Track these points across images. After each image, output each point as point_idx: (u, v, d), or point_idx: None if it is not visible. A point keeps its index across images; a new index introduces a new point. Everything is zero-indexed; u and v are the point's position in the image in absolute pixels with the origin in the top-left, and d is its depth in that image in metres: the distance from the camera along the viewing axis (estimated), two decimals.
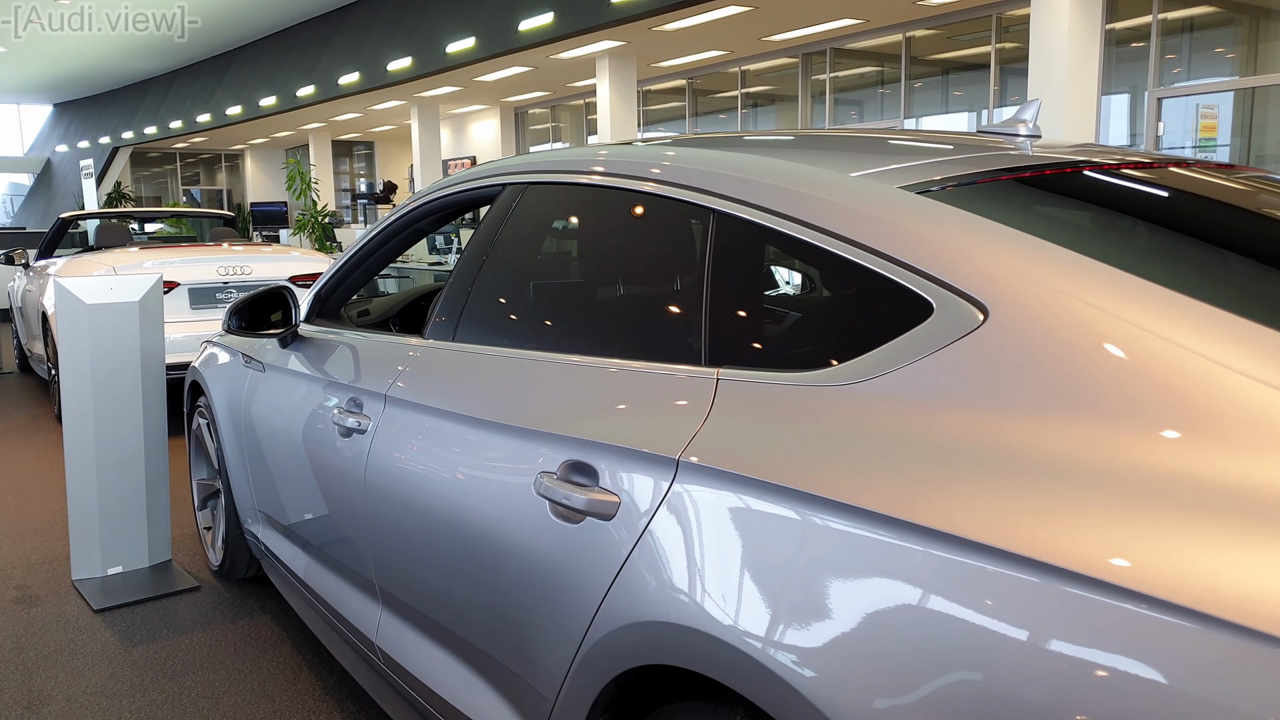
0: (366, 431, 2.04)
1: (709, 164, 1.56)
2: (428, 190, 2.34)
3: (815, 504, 1.08)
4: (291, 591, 2.72)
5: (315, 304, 2.68)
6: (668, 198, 1.59)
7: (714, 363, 1.37)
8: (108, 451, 3.24)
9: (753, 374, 1.29)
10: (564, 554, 1.42)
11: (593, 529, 1.37)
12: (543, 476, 1.48)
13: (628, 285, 1.89)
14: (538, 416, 1.57)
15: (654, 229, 1.72)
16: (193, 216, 10.21)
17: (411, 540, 1.88)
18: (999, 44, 9.83)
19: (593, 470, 1.41)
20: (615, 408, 1.46)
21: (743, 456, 1.20)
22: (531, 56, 12.07)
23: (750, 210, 1.40)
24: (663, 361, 1.45)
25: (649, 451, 1.31)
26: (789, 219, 1.34)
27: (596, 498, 1.36)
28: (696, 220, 1.54)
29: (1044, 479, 0.93)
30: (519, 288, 2.00)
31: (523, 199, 1.97)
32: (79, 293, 3.19)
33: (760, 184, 1.42)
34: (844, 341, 1.25)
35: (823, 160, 1.52)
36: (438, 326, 2.03)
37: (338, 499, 2.21)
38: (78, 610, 3.06)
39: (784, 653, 1.06)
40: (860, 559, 1.03)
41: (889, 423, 1.09)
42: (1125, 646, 0.82)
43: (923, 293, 1.15)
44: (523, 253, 2.03)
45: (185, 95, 20.26)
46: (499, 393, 1.73)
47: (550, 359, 1.66)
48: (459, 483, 1.72)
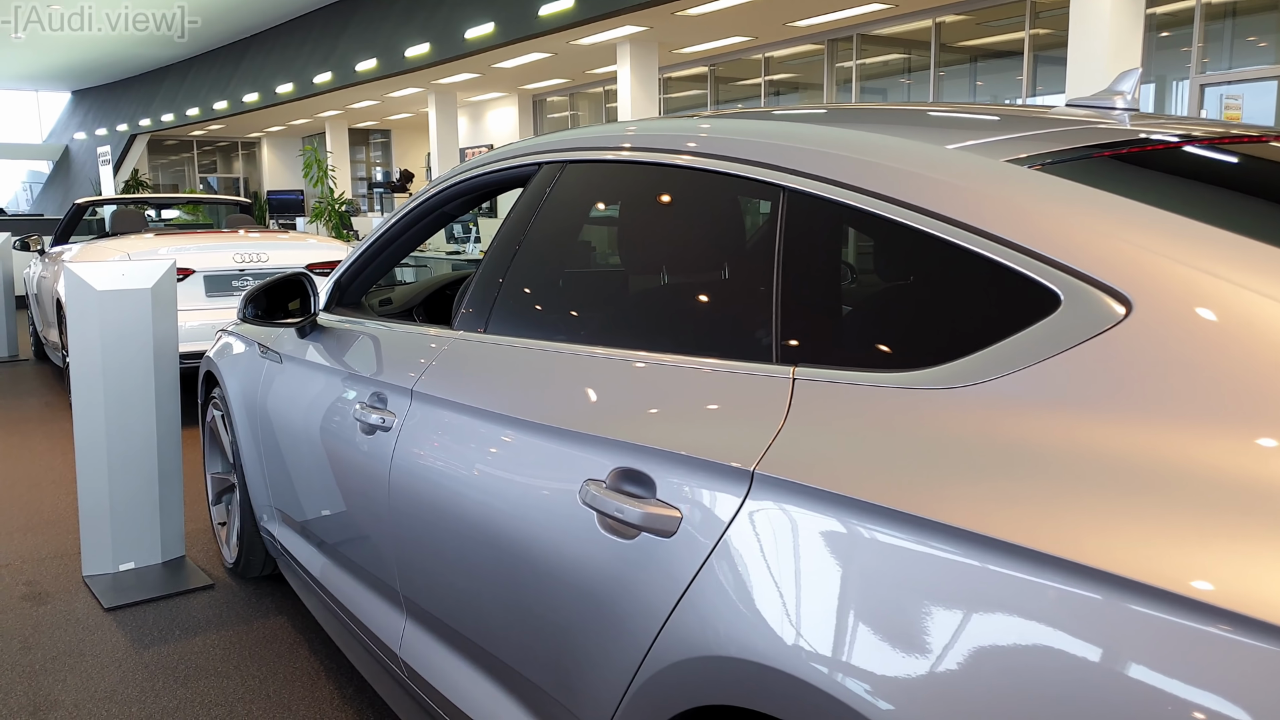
0: (391, 429, 1.90)
1: (777, 136, 1.41)
2: (455, 171, 2.19)
3: (927, 529, 0.93)
4: (309, 594, 2.59)
5: (335, 292, 2.54)
6: (728, 175, 1.43)
7: (787, 360, 1.21)
8: (119, 443, 3.12)
9: (835, 374, 1.14)
10: (615, 572, 1.28)
11: (649, 546, 1.22)
12: (589, 485, 1.34)
13: (682, 273, 1.73)
14: (582, 417, 1.42)
15: (711, 210, 1.56)
16: (209, 203, 10.12)
17: (439, 548, 1.74)
18: (1033, 30, 9.59)
19: (647, 480, 1.26)
20: (673, 410, 1.31)
21: (831, 470, 1.04)
22: (551, 42, 11.90)
23: (828, 187, 1.25)
24: (726, 358, 1.30)
25: (717, 461, 1.16)
26: (875, 196, 1.19)
27: (654, 511, 1.21)
28: (763, 199, 1.39)
29: (1215, 505, 0.77)
30: (558, 276, 1.85)
31: (560, 179, 1.82)
32: (89, 279, 3.06)
33: (840, 157, 1.27)
34: (948, 338, 1.09)
35: (907, 132, 1.36)
36: (467, 317, 1.89)
37: (359, 500, 2.07)
38: (88, 608, 2.94)
39: (883, 701, 0.91)
40: (989, 595, 0.87)
41: (1011, 433, 0.94)
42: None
43: (1047, 281, 0.99)
44: (561, 238, 1.88)
45: (202, 82, 20.19)
46: (537, 390, 1.58)
47: (595, 354, 1.52)
48: (493, 488, 1.58)
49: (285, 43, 17.29)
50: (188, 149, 26.74)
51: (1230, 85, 8.54)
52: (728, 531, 1.12)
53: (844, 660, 0.95)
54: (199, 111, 20.15)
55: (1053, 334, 0.96)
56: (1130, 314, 0.92)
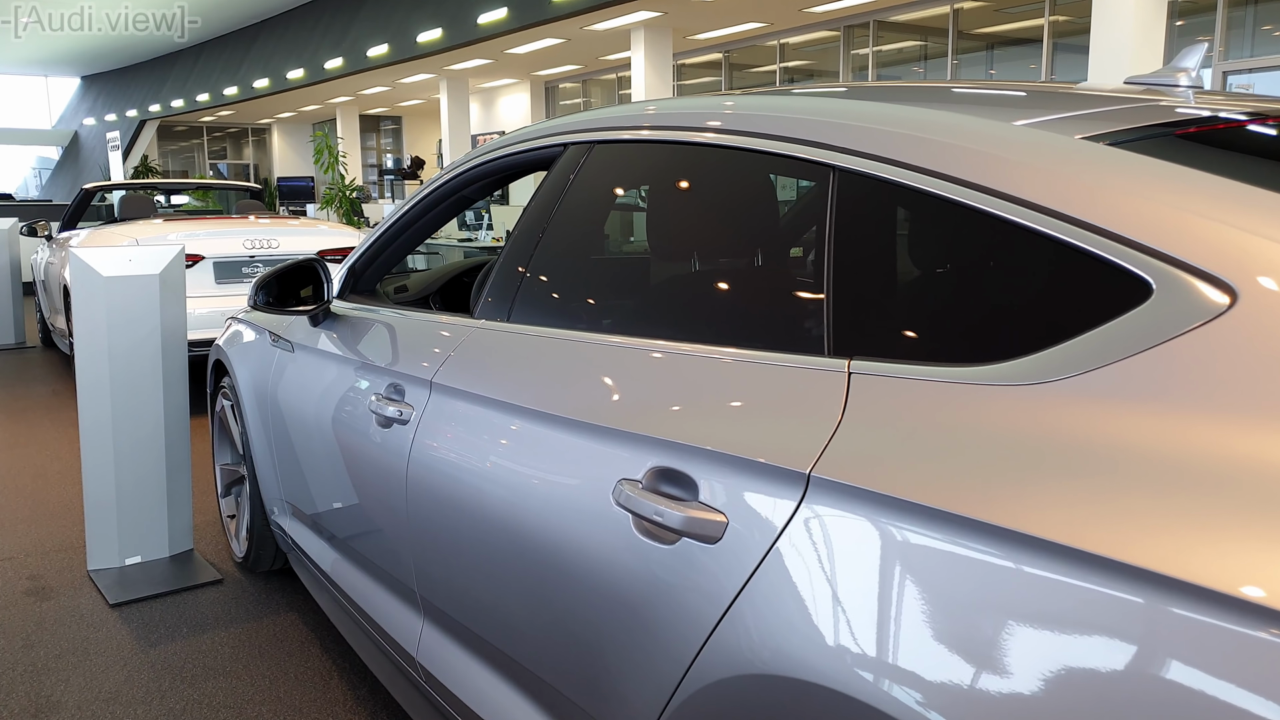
0: (409, 422, 1.81)
1: (826, 113, 1.30)
2: (475, 154, 2.09)
3: (1007, 541, 0.83)
4: (321, 591, 2.51)
5: (349, 279, 2.45)
6: (771, 154, 1.33)
7: (842, 352, 1.12)
8: (126, 434, 3.04)
9: (895, 367, 1.04)
10: (653, 579, 1.19)
11: (691, 553, 1.13)
12: (624, 485, 1.24)
13: (722, 259, 1.63)
14: (615, 413, 1.33)
15: (753, 191, 1.46)
16: (219, 189, 10.06)
17: (460, 548, 1.65)
18: (1053, 17, 9.42)
19: (688, 481, 1.16)
20: (715, 405, 1.21)
21: (896, 473, 0.95)
22: (565, 28, 11.77)
23: (885, 166, 1.15)
24: (772, 350, 1.20)
25: (769, 463, 1.06)
26: (938, 176, 1.08)
27: (697, 515, 1.12)
28: (811, 180, 1.29)
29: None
30: (587, 262, 1.76)
31: (588, 161, 1.72)
32: (96, 264, 2.98)
33: (897, 135, 1.17)
34: (1024, 330, 0.99)
35: (965, 109, 1.26)
36: (489, 305, 1.80)
37: (375, 496, 1.99)
38: (93, 604, 2.87)
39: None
40: (1079, 614, 0.78)
41: (1099, 435, 0.84)
42: None
43: (1136, 269, 0.89)
44: (589, 222, 1.79)
45: (212, 68, 20.10)
46: (566, 383, 1.49)
47: (628, 345, 1.42)
48: (518, 486, 1.48)
49: (297, 28, 17.18)
50: (197, 135, 26.67)
51: (1253, 74, 8.38)
52: (780, 539, 1.03)
53: (910, 684, 0.86)
54: (209, 97, 20.07)
55: (1144, 326, 0.87)
56: (1234, 305, 0.82)
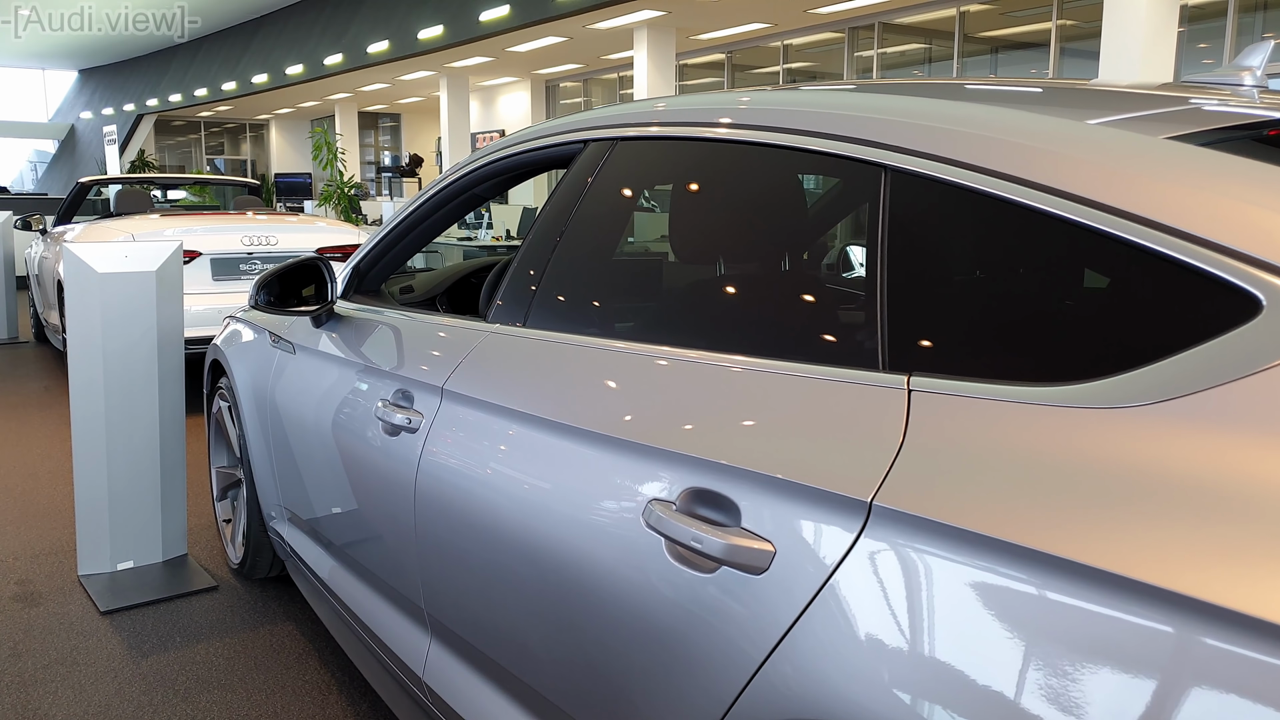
0: (417, 430, 1.72)
1: (876, 110, 1.22)
2: (487, 150, 2.00)
3: (1097, 582, 0.75)
4: (320, 602, 2.42)
5: (353, 279, 2.36)
6: (814, 152, 1.25)
7: (899, 367, 1.03)
8: (119, 434, 2.94)
9: (961, 385, 0.95)
10: (688, 609, 1.10)
11: (732, 583, 1.04)
12: (655, 506, 1.15)
13: (761, 263, 1.55)
14: (647, 427, 1.24)
15: (794, 192, 1.38)
16: (217, 184, 9.94)
17: (472, 565, 1.56)
18: (1060, 20, 9.36)
19: (729, 504, 1.08)
20: (760, 423, 1.12)
21: (970, 503, 0.86)
22: (567, 26, 11.67)
23: (944, 167, 1.06)
24: (820, 363, 1.11)
25: (825, 489, 0.98)
26: (1006, 179, 1.00)
27: (740, 544, 1.03)
28: (859, 180, 1.21)
29: None
30: (610, 266, 1.67)
31: (610, 159, 1.63)
32: (90, 260, 2.88)
33: (960, 134, 1.08)
34: (1108, 347, 0.91)
35: (1029, 106, 1.17)
36: (503, 309, 1.71)
37: (380, 507, 1.89)
38: (83, 611, 2.77)
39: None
40: (1184, 667, 0.70)
41: (1200, 466, 0.76)
42: None
43: (1241, 282, 0.81)
44: (612, 223, 1.70)
45: (211, 63, 19.96)
46: (590, 394, 1.40)
47: (659, 355, 1.33)
48: (537, 503, 1.39)
49: (297, 23, 17.06)
50: (195, 130, 26.51)
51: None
52: (838, 572, 0.94)
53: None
54: (207, 92, 19.93)
55: (1250, 346, 0.78)
56: None
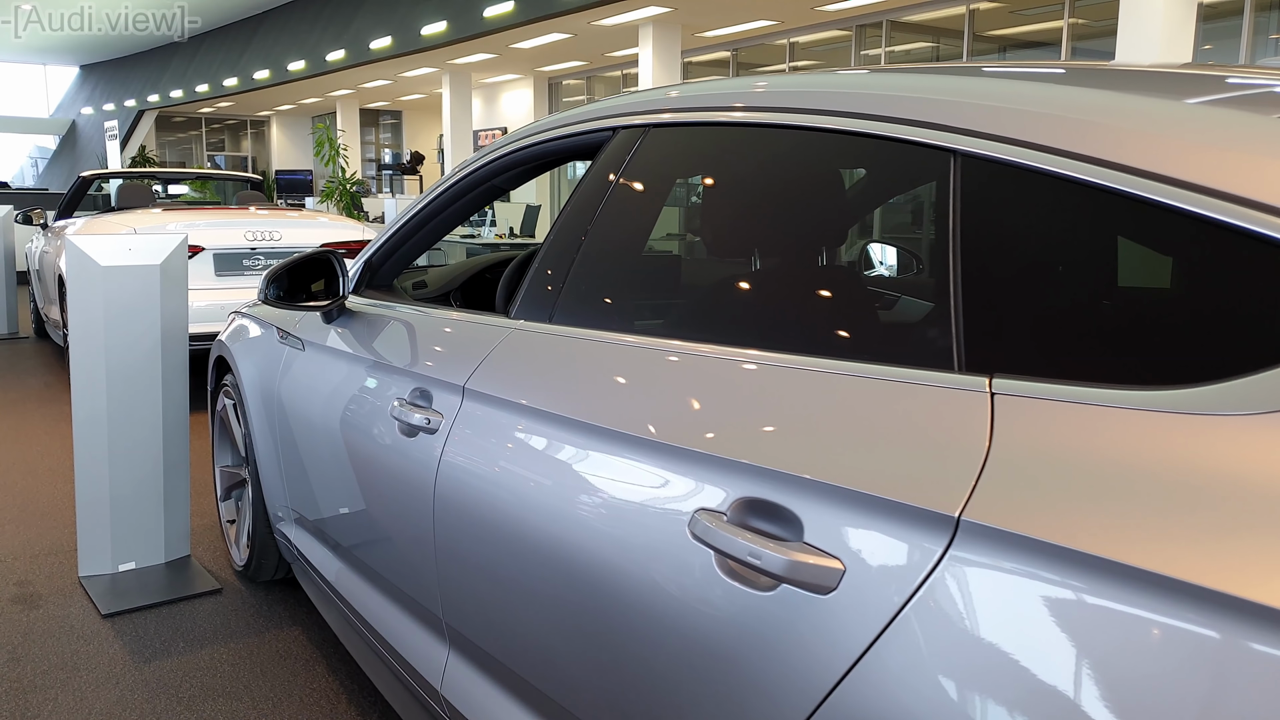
0: (437, 430, 1.63)
1: (942, 91, 1.14)
2: (509, 139, 1.92)
3: (1222, 607, 0.67)
4: (329, 607, 2.34)
5: (365, 273, 2.28)
6: (873, 136, 1.17)
7: (977, 368, 0.95)
8: (122, 431, 2.86)
9: (1052, 388, 0.87)
10: (741, 629, 1.01)
11: (795, 603, 0.96)
12: (703, 516, 1.07)
13: (815, 255, 1.46)
14: (692, 432, 1.16)
15: (850, 180, 1.30)
16: (219, 179, 9.84)
17: (497, 575, 1.48)
18: (1072, 19, 9.27)
19: (789, 516, 0.99)
20: (823, 427, 1.04)
21: (1072, 520, 0.78)
22: (572, 22, 11.58)
23: (1021, 151, 0.98)
24: (887, 363, 1.03)
25: (905, 502, 0.89)
26: (1096, 163, 0.92)
27: (805, 560, 0.95)
28: (924, 166, 1.13)
29: None
30: (646, 259, 1.59)
31: (643, 146, 1.55)
32: (93, 253, 2.80)
33: (1037, 115, 1.00)
34: (1224, 348, 0.82)
35: (1114, 85, 1.09)
36: (528, 305, 1.62)
37: (396, 511, 1.81)
38: (84, 614, 2.69)
39: None
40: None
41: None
42: None
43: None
44: (646, 214, 1.62)
45: (212, 59, 19.87)
46: (628, 395, 1.32)
47: (705, 353, 1.25)
48: (569, 509, 1.31)
49: (299, 19, 16.97)
50: (196, 126, 26.41)
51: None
52: (920, 593, 0.86)
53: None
54: (209, 88, 19.83)
55: None
56: None
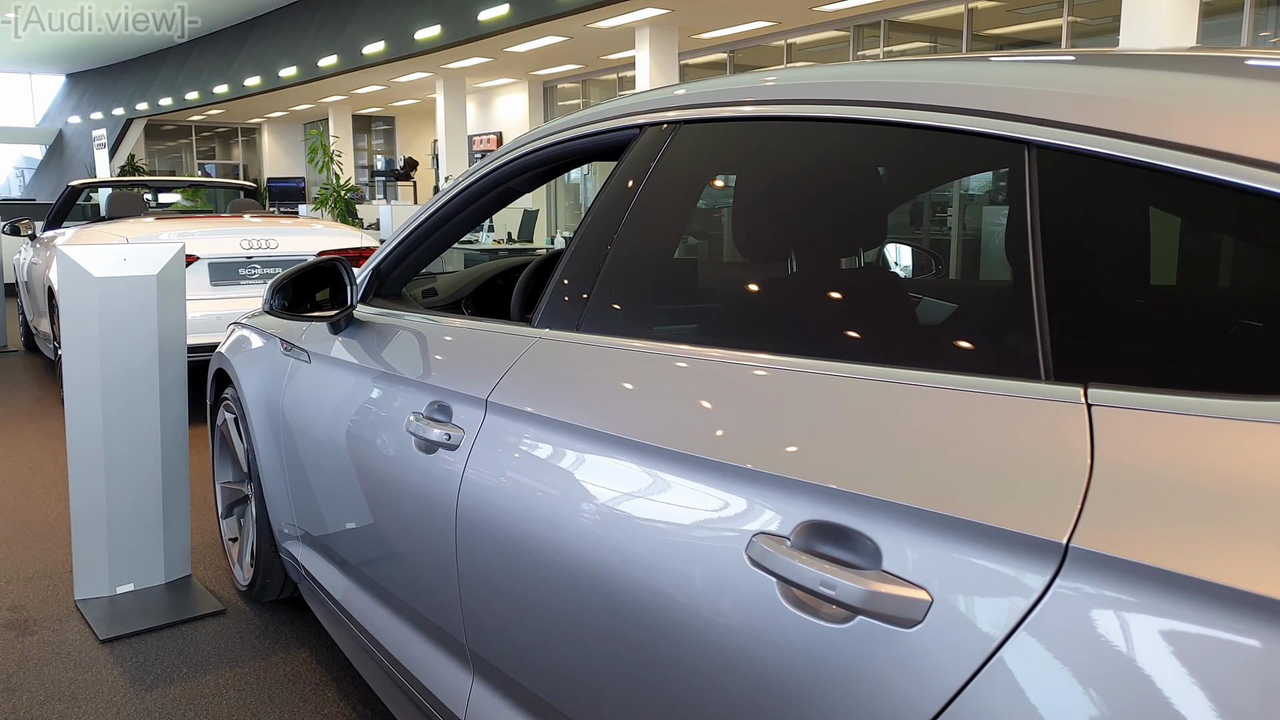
0: (458, 447, 1.54)
1: (1012, 79, 1.05)
2: (525, 139, 1.84)
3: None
4: (339, 629, 2.24)
5: (373, 281, 2.19)
6: (934, 129, 1.08)
7: (1068, 377, 0.86)
8: (118, 447, 2.76)
9: (1155, 398, 0.78)
10: (809, 665, 0.93)
11: (875, 637, 0.87)
12: (763, 541, 0.98)
13: (873, 257, 1.38)
14: (749, 448, 1.07)
15: (912, 177, 1.21)
16: (212, 187, 9.72)
17: (527, 600, 1.38)
18: (1071, 18, 9.22)
19: (863, 542, 0.90)
20: (899, 443, 0.95)
21: (1196, 547, 0.69)
22: (568, 25, 11.49)
23: (1108, 141, 0.90)
24: (965, 373, 0.94)
25: (1005, 527, 0.80)
26: (1196, 151, 0.83)
27: (888, 590, 0.86)
28: (992, 159, 1.04)
29: None
30: (681, 262, 1.50)
31: (673, 144, 1.47)
32: (87, 264, 2.70)
33: (1125, 102, 0.91)
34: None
35: (1204, 70, 1.00)
36: (554, 312, 1.54)
37: (413, 530, 1.72)
38: (81, 639, 2.58)
39: None
40: None
41: None
42: None
43: None
44: (677, 215, 1.53)
45: (202, 66, 19.72)
46: (673, 408, 1.23)
47: (758, 363, 1.16)
48: (608, 531, 1.22)
49: (290, 25, 16.84)
50: (185, 135, 26.25)
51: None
52: (1024, 628, 0.77)
53: None
54: (198, 96, 19.68)
55: None
56: None
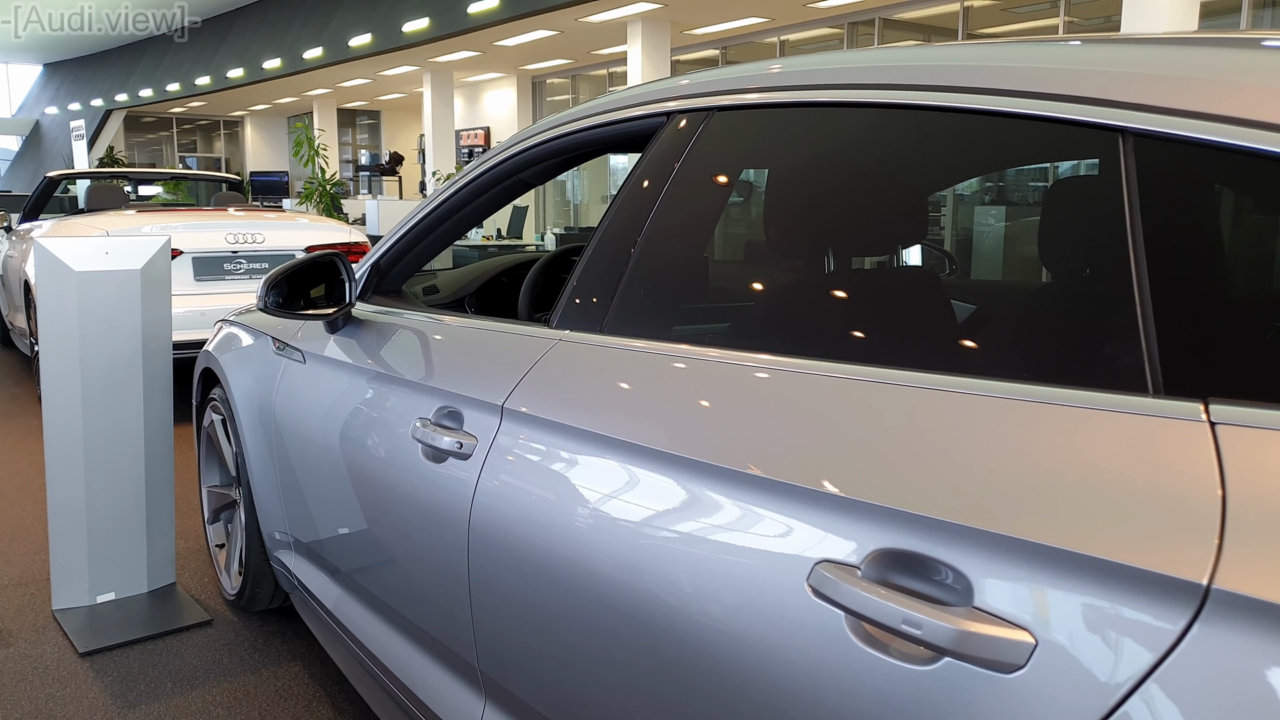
0: (470, 456, 1.44)
1: (1103, 61, 0.96)
2: (539, 128, 1.73)
3: None
4: (334, 642, 2.12)
5: (372, 277, 2.08)
6: (1012, 116, 0.98)
7: (1183, 390, 0.76)
8: (99, 450, 2.63)
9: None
10: (886, 709, 0.83)
11: (967, 683, 0.77)
12: (828, 570, 0.88)
13: (944, 256, 1.28)
14: (809, 465, 0.97)
15: (980, 168, 1.11)
16: (195, 179, 9.51)
17: (549, 624, 1.28)
18: (1067, 17, 9.17)
19: (949, 574, 0.81)
20: (983, 463, 0.85)
21: None
22: (559, 19, 11.36)
23: (1219, 127, 0.80)
24: (1052, 383, 0.85)
25: (1131, 564, 0.71)
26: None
27: (981, 631, 0.76)
28: (1079, 149, 0.94)
29: None
30: (724, 259, 1.39)
31: (705, 132, 1.36)
32: (66, 257, 2.57)
33: (1244, 87, 0.82)
34: None
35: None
36: (575, 313, 1.43)
37: (419, 544, 1.61)
38: (59, 652, 2.45)
39: None
40: None
41: None
42: None
43: None
44: (713, 207, 1.42)
45: (184, 57, 19.44)
46: (716, 418, 1.12)
47: (812, 370, 1.06)
48: (643, 554, 1.11)
49: (276, 16, 16.61)
50: (166, 127, 25.91)
51: None
52: (1155, 679, 0.68)
53: None
54: (180, 87, 19.40)
55: None
56: None
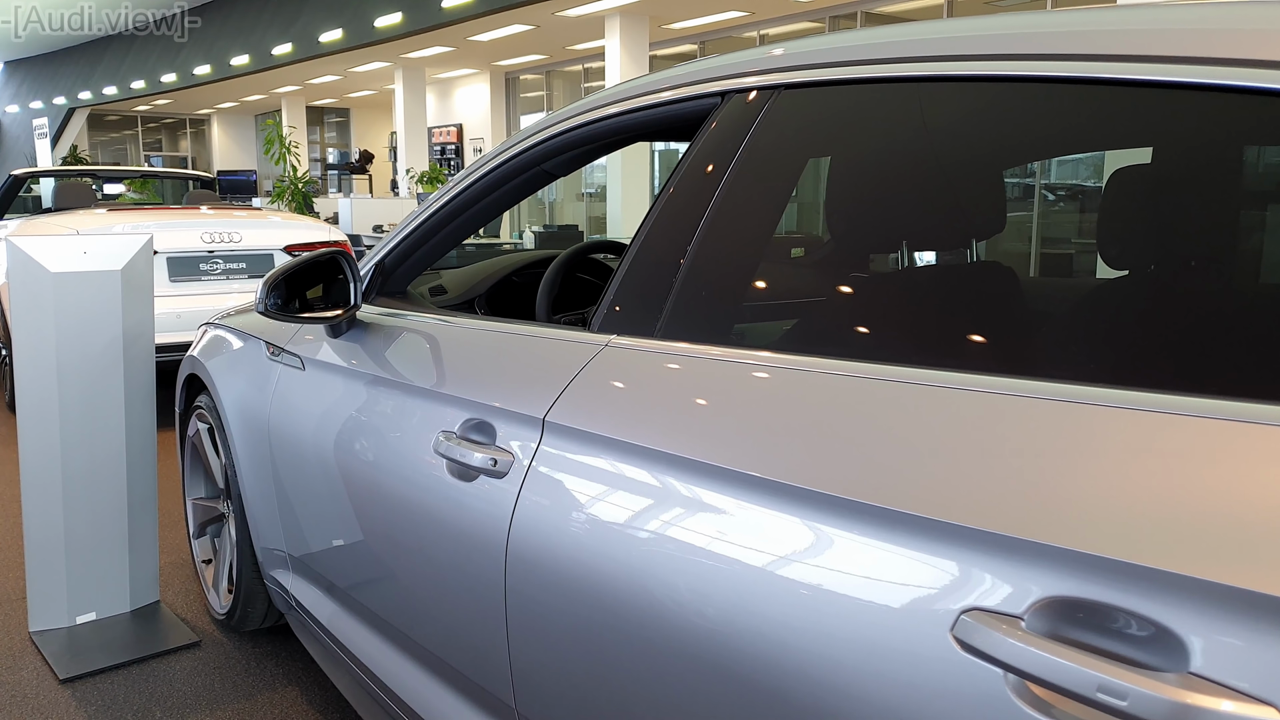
0: (507, 475, 1.30)
1: (1227, 19, 0.85)
2: (567, 113, 1.60)
3: None
4: (337, 669, 1.98)
5: (376, 278, 1.94)
6: (1133, 84, 0.88)
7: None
8: (78, 461, 2.47)
9: None
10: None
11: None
12: (977, 620, 0.77)
13: (1060, 248, 1.16)
14: (946, 495, 0.84)
15: (1120, 143, 1.00)
16: (167, 177, 9.23)
17: (604, 662, 1.15)
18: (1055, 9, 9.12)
19: (1154, 632, 0.69)
20: (1181, 496, 0.73)
21: None
22: (535, 13, 11.17)
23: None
24: (1180, 391, 0.74)
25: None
26: None
27: (1205, 705, 0.64)
28: (1237, 125, 0.83)
29: None
30: (795, 257, 1.27)
31: (769, 113, 1.24)
32: (41, 258, 2.40)
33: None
34: None
35: None
36: (622, 316, 1.30)
37: (446, 571, 1.47)
38: (37, 679, 2.28)
39: None
40: None
41: None
42: None
43: None
44: (781, 196, 1.29)
45: (149, 53, 19.00)
46: (815, 438, 0.99)
47: (928, 380, 0.93)
48: (723, 593, 0.99)
49: (243, 11, 16.26)
50: (131, 125, 25.37)
51: None
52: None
53: None
54: (145, 85, 18.96)
55: None
56: None
